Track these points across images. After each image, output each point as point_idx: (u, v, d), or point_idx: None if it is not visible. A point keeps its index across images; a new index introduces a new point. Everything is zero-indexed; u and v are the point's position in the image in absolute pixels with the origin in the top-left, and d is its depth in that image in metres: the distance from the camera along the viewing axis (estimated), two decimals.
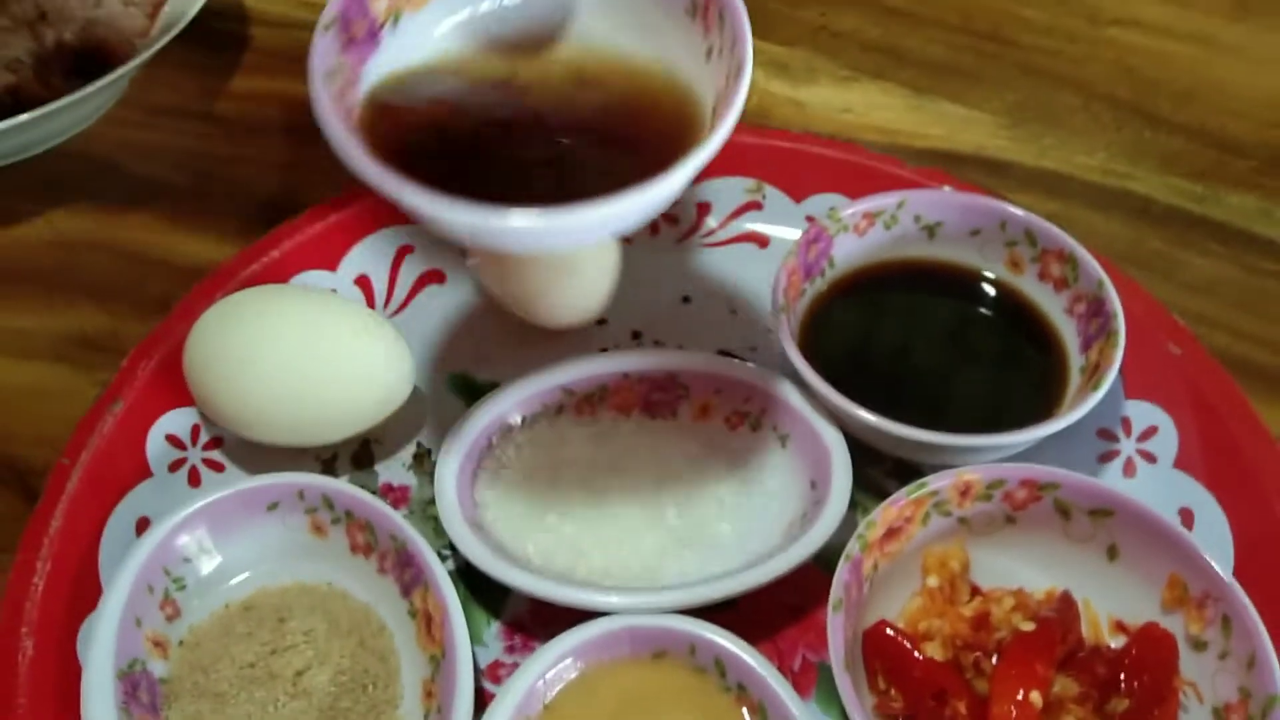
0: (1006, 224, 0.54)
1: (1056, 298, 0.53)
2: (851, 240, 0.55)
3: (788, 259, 0.52)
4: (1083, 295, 0.52)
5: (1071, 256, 0.52)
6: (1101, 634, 0.45)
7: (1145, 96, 0.70)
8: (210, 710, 0.43)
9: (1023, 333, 0.54)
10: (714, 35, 0.42)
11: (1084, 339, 0.51)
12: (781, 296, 0.51)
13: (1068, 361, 0.52)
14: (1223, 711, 0.41)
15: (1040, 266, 0.54)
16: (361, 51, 0.43)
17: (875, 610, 0.45)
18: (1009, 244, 0.54)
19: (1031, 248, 0.54)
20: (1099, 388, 0.47)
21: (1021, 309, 0.54)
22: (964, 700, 0.41)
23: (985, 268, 0.55)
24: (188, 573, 0.46)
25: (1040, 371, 0.52)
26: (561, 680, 0.43)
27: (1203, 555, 0.43)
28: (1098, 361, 0.49)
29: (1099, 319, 0.50)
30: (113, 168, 0.66)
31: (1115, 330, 0.49)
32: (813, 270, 0.54)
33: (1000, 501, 0.45)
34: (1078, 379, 0.50)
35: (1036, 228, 0.53)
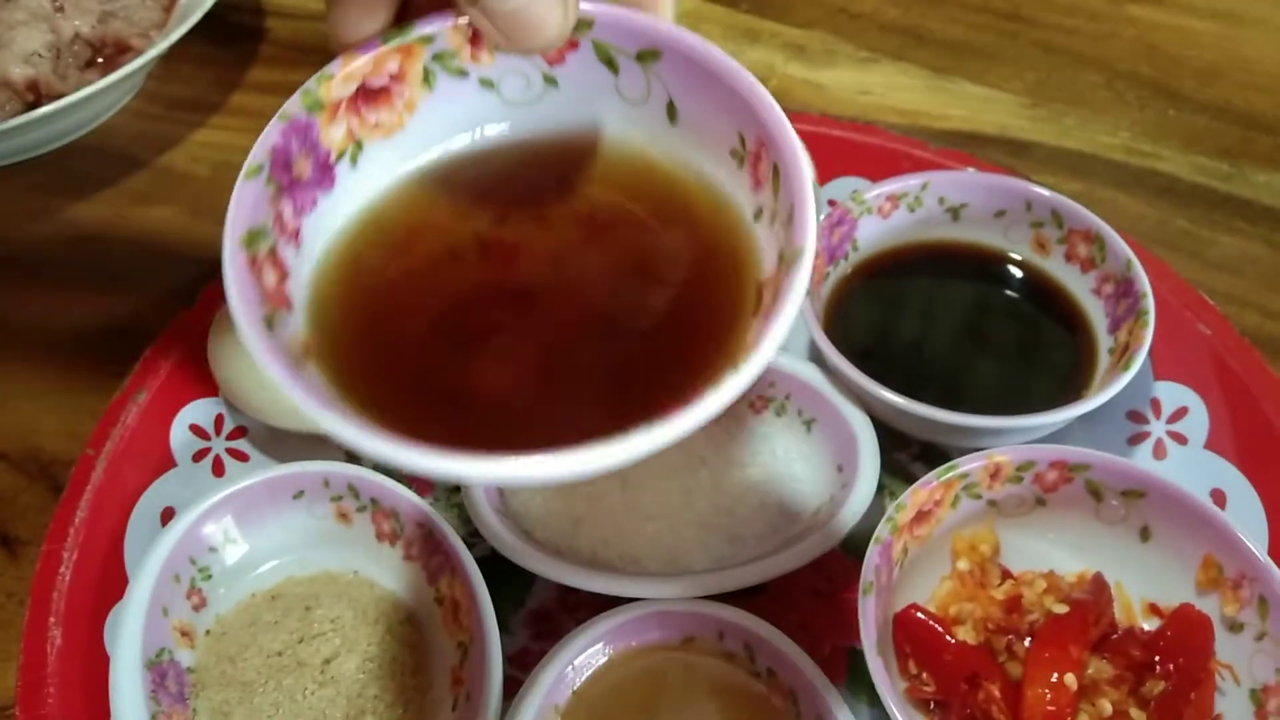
0: (1032, 204, 0.53)
1: (1084, 279, 0.52)
2: (875, 223, 0.54)
3: None
4: (1110, 276, 0.51)
5: (1099, 237, 0.52)
6: (1135, 617, 0.45)
7: (1168, 74, 0.70)
8: (238, 699, 0.43)
9: (1050, 314, 0.53)
10: (765, 194, 0.32)
11: (1112, 320, 0.51)
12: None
13: (1096, 343, 0.51)
14: (1260, 694, 0.41)
15: (1067, 247, 0.53)
16: (307, 196, 0.32)
17: (905, 594, 0.44)
18: (1035, 225, 0.54)
19: (1058, 228, 0.53)
20: (1129, 368, 0.47)
21: (1048, 290, 0.53)
22: (997, 683, 0.40)
23: (1011, 249, 0.55)
24: (214, 562, 0.46)
25: (1068, 353, 0.51)
26: (590, 666, 0.43)
27: (1238, 535, 0.42)
28: (1127, 342, 0.48)
29: (1128, 299, 0.50)
30: (132, 161, 0.66)
31: (1145, 310, 0.48)
32: (836, 253, 0.53)
33: (1031, 484, 0.45)
34: (1106, 360, 0.50)
35: (1063, 208, 0.53)
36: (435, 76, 0.33)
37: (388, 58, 0.32)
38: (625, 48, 0.32)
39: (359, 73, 0.32)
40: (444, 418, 0.31)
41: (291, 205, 0.32)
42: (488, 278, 0.34)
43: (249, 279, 0.29)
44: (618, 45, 0.32)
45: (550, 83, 0.34)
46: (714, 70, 0.31)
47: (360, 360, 0.31)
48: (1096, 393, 0.47)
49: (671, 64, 0.32)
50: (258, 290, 0.29)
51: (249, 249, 0.29)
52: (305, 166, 0.32)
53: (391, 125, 0.33)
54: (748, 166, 0.32)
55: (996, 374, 0.52)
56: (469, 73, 0.33)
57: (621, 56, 0.32)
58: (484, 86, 0.34)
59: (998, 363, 0.52)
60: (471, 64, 0.33)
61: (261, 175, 0.31)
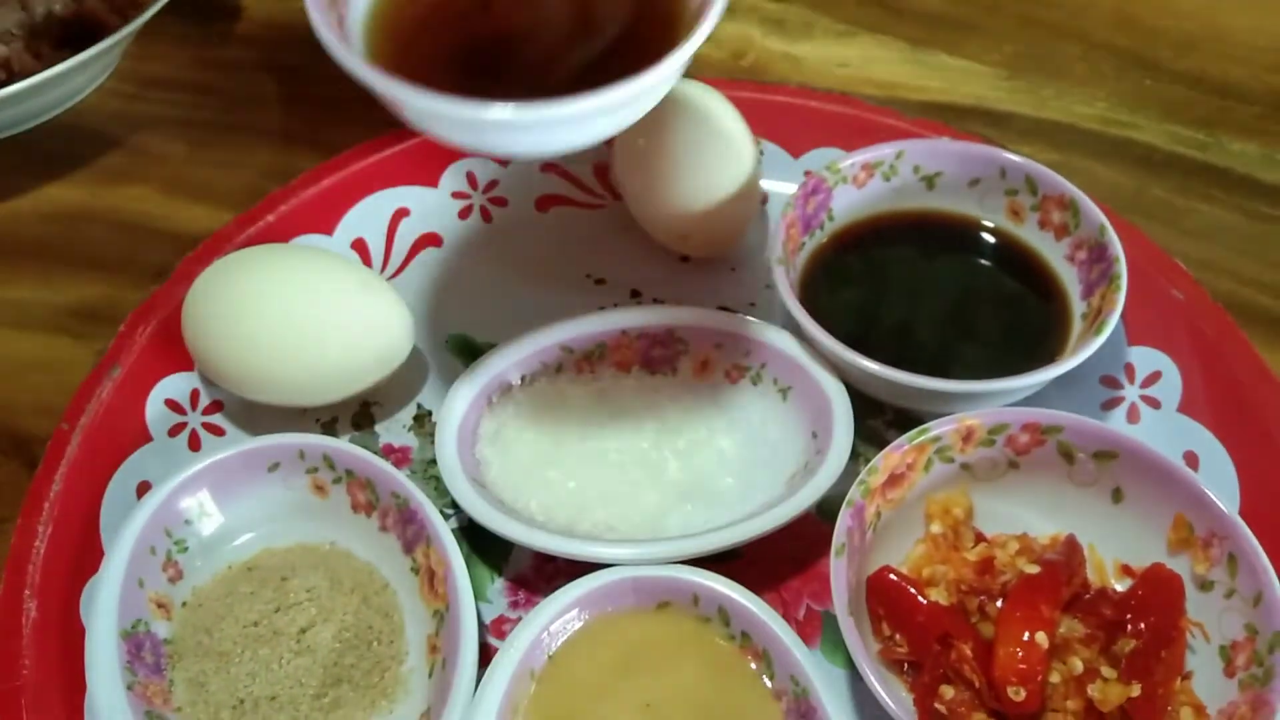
0: (1006, 171, 0.53)
1: (1058, 245, 0.52)
2: (850, 192, 0.54)
3: (786, 211, 0.52)
4: (1084, 241, 0.51)
5: (1072, 203, 0.52)
6: (1107, 578, 0.45)
7: (1145, 45, 0.70)
8: (214, 669, 0.43)
9: (1024, 281, 0.53)
10: None
11: (1085, 285, 0.51)
12: (781, 249, 0.50)
13: (1070, 308, 0.51)
14: (1229, 650, 0.41)
15: (1041, 214, 0.53)
16: None
17: (879, 558, 0.44)
18: (1009, 192, 0.54)
19: (1032, 195, 0.53)
20: (1101, 332, 0.47)
21: (1022, 257, 0.54)
22: (969, 643, 0.40)
23: (985, 217, 0.55)
24: (190, 535, 0.46)
25: (1042, 319, 0.51)
26: (566, 631, 0.43)
27: (1208, 494, 0.42)
28: (1100, 307, 0.49)
29: (1101, 264, 0.50)
30: (107, 139, 0.65)
31: (1117, 275, 0.49)
32: (812, 223, 0.53)
33: (1003, 446, 0.45)
34: (1080, 326, 0.50)
35: (1036, 174, 0.53)
36: None
37: None
38: None
39: None
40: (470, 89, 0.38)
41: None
42: None
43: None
44: None
45: None
46: None
47: (406, 61, 0.40)
48: (1069, 357, 0.47)
49: None
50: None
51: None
52: None
53: None
54: None
55: (971, 341, 0.52)
56: None
57: None
58: None
59: (972, 330, 0.52)
60: None
61: None
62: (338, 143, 0.60)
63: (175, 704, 0.43)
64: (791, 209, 0.52)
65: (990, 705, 0.40)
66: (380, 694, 0.43)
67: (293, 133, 0.65)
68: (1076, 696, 0.40)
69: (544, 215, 0.60)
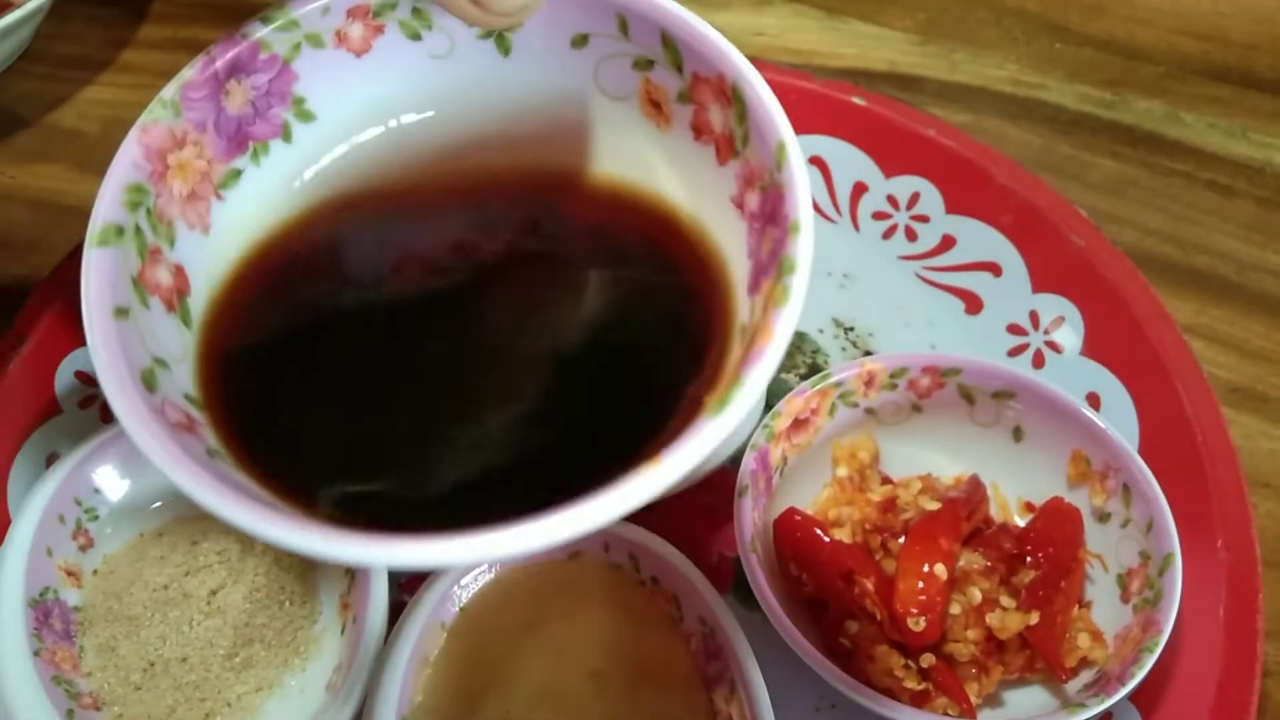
0: (629, 24, 0.31)
1: (720, 175, 0.29)
2: (332, 65, 0.32)
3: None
4: (755, 174, 0.28)
5: (735, 92, 0.29)
6: (1011, 516, 0.46)
7: (1054, 10, 0.71)
8: (124, 634, 0.43)
9: (651, 264, 0.31)
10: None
11: (754, 266, 0.28)
12: None
13: (728, 313, 0.29)
14: (1125, 577, 0.42)
15: (694, 110, 0.30)
16: None
17: (786, 502, 0.45)
18: (640, 64, 0.31)
19: (676, 73, 0.31)
20: (725, 403, 0.24)
21: (648, 204, 0.31)
22: (871, 579, 0.41)
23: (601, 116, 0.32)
24: (100, 504, 0.46)
25: (675, 345, 0.29)
26: (477, 584, 0.43)
27: (1102, 427, 0.43)
28: (758, 322, 0.26)
29: (774, 229, 0.27)
30: (18, 119, 0.65)
31: (790, 262, 0.25)
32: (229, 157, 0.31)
33: (905, 390, 0.46)
34: (736, 353, 0.27)
35: (681, 31, 0.30)
36: None
37: None
38: None
39: None
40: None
41: None
42: None
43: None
44: None
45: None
46: None
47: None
48: (677, 444, 0.24)
49: None
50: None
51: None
52: None
53: None
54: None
55: (500, 443, 0.29)
56: None
57: None
58: None
59: (509, 422, 0.29)
60: None
61: None
62: None
63: (85, 669, 0.42)
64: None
65: (893, 637, 0.41)
66: (293, 652, 0.43)
67: None
68: (976, 626, 0.41)
69: None
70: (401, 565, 0.23)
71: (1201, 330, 0.55)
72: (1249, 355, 0.54)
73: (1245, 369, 0.54)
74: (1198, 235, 0.59)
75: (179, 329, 0.29)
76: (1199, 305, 0.56)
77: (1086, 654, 0.41)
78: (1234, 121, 0.64)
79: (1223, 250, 0.59)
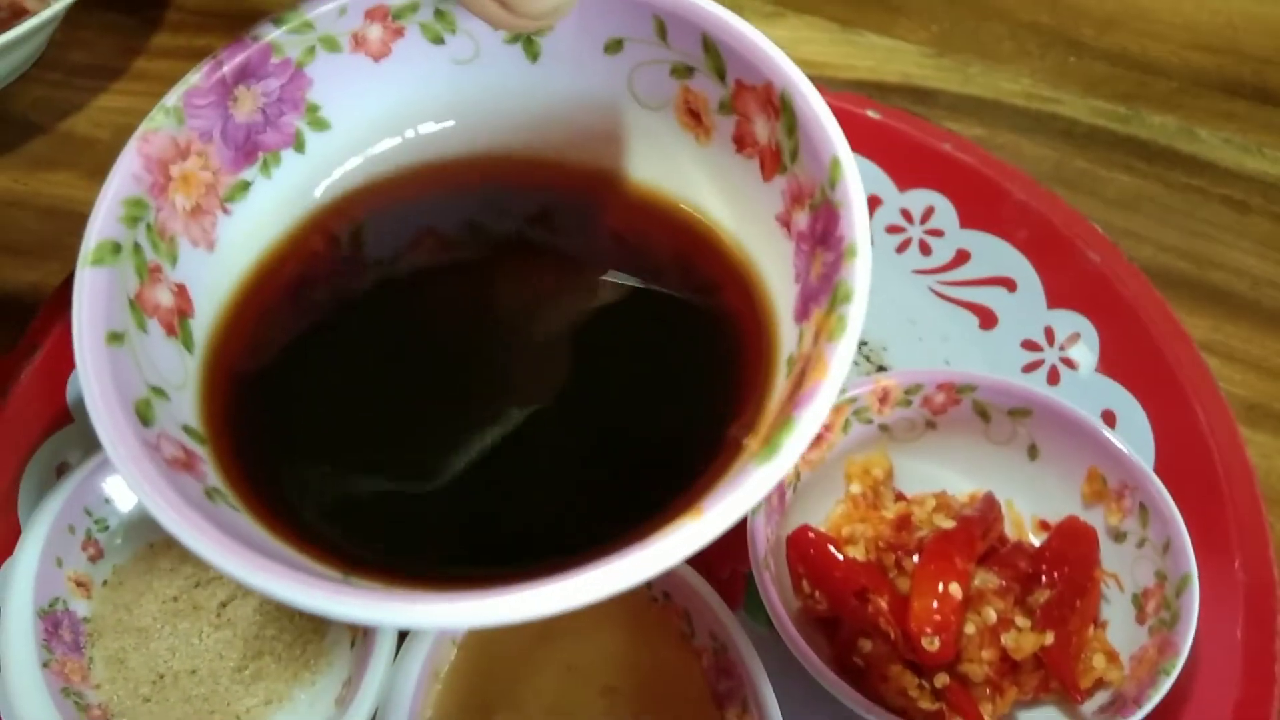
0: (667, 27, 0.29)
1: (766, 191, 0.28)
2: (346, 69, 0.31)
3: None
4: (805, 191, 0.27)
5: (785, 100, 0.28)
6: (1026, 534, 0.46)
7: (1068, 23, 0.71)
8: (134, 645, 0.43)
9: (694, 295, 0.29)
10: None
11: (803, 292, 0.26)
12: None
13: (773, 347, 0.27)
14: (1141, 597, 0.42)
15: (737, 121, 0.28)
16: None
17: (799, 518, 0.45)
18: (679, 71, 0.30)
19: (719, 81, 0.29)
20: (775, 450, 0.23)
21: (688, 228, 0.29)
22: (885, 597, 0.41)
23: (633, 121, 0.30)
24: (110, 514, 0.46)
25: (719, 379, 0.27)
26: None
27: (1118, 446, 0.43)
28: (807, 355, 0.24)
29: (827, 251, 0.25)
30: (31, 127, 0.65)
31: (845, 286, 0.24)
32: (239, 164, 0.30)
33: (920, 406, 0.46)
34: (782, 388, 0.26)
35: (725, 35, 0.28)
36: None
37: None
38: None
39: None
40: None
41: None
42: None
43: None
44: None
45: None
46: None
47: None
48: (720, 492, 0.23)
49: None
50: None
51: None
52: None
53: None
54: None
55: (526, 492, 0.28)
56: None
57: None
58: None
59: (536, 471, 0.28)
60: None
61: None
62: None
63: (94, 681, 0.42)
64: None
65: (906, 656, 0.40)
66: (303, 666, 0.43)
67: None
68: (991, 646, 0.40)
69: None
70: (416, 626, 0.22)
71: (1217, 347, 0.55)
72: (1265, 372, 0.54)
73: (1262, 386, 0.53)
74: (1213, 251, 0.59)
75: (180, 354, 0.27)
76: (1214, 322, 0.56)
77: (1102, 675, 0.40)
78: (1249, 137, 0.64)
79: (1238, 266, 0.58)
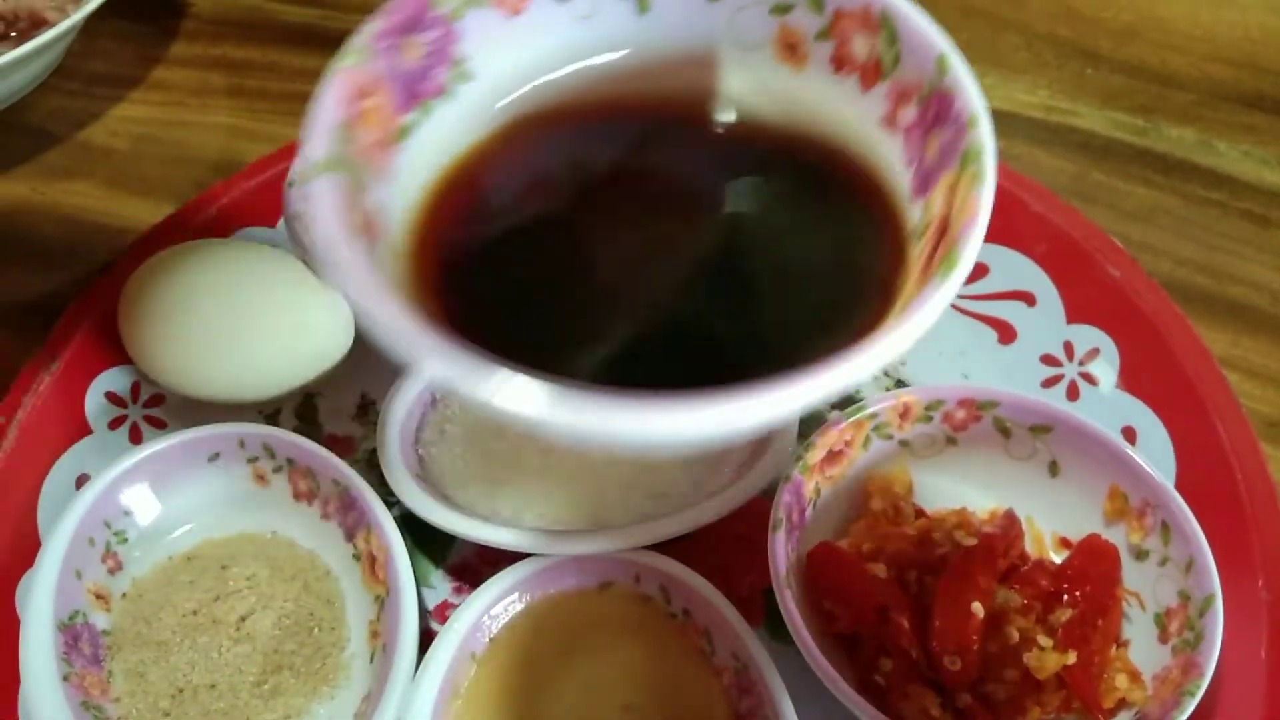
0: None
1: (867, 100, 0.31)
2: (495, 26, 0.32)
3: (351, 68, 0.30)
4: (909, 89, 0.30)
5: (885, 19, 0.31)
6: (1046, 551, 0.45)
7: (1086, 35, 0.71)
8: (153, 659, 0.43)
9: (810, 185, 0.33)
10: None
11: (920, 173, 0.30)
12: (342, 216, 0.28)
13: (898, 219, 0.30)
14: (1164, 617, 0.42)
15: (835, 45, 0.32)
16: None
17: (819, 534, 0.45)
18: (777, 9, 0.33)
19: (815, 12, 0.32)
20: (951, 268, 0.26)
21: (805, 134, 0.33)
22: (906, 615, 0.41)
23: (738, 64, 0.34)
24: (129, 526, 0.46)
25: (847, 251, 0.32)
26: (507, 614, 0.43)
27: (1140, 463, 0.43)
28: (946, 214, 0.28)
29: (942, 130, 0.29)
30: (49, 136, 0.65)
31: (973, 147, 0.27)
32: (418, 95, 0.32)
33: (940, 423, 0.45)
34: (918, 249, 0.29)
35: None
36: None
37: None
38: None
39: None
40: None
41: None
42: None
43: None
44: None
45: None
46: None
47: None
48: (894, 320, 0.26)
49: None
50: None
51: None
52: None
53: None
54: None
55: (712, 334, 0.31)
56: None
57: None
58: None
59: (711, 313, 0.31)
60: None
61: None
62: (283, 138, 0.60)
63: (114, 694, 0.42)
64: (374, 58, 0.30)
65: (928, 675, 0.40)
66: (321, 680, 0.43)
67: (238, 128, 0.65)
68: (1013, 665, 0.40)
69: None
70: (638, 434, 0.24)
71: (1237, 362, 0.54)
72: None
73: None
74: (1232, 265, 0.59)
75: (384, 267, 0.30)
76: (1234, 337, 0.55)
77: (1125, 695, 0.40)
78: (1268, 149, 0.64)
79: (1258, 281, 0.58)
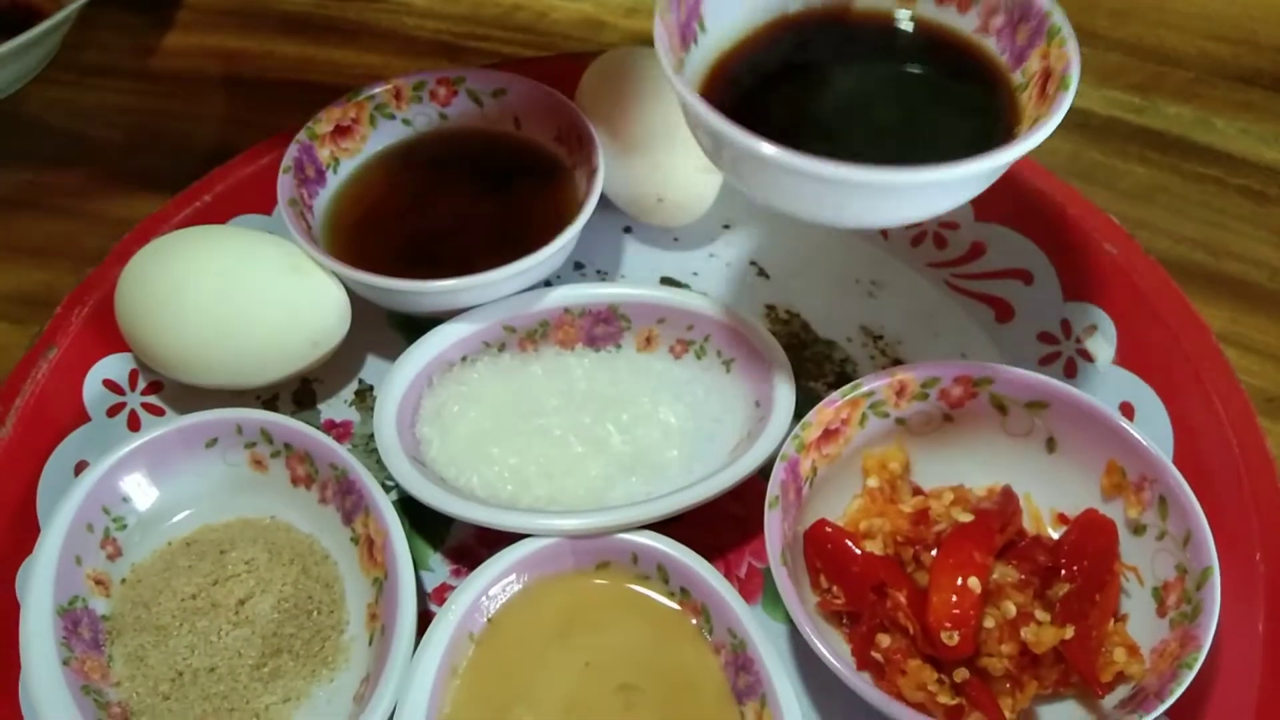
0: None
1: (965, 19, 0.47)
2: None
3: (664, 16, 0.44)
4: (994, 6, 0.45)
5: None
6: (1044, 527, 0.45)
7: (1083, 15, 0.70)
8: (153, 643, 0.43)
9: (944, 67, 0.47)
10: None
11: (1014, 54, 0.45)
12: (671, 55, 0.43)
13: (1007, 84, 0.45)
14: (1161, 591, 0.42)
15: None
16: None
17: (817, 513, 0.45)
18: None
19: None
20: (1066, 87, 0.41)
21: (932, 42, 0.47)
22: (904, 591, 0.41)
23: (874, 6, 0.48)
24: (128, 512, 0.46)
25: (979, 101, 0.45)
26: (505, 594, 0.43)
27: (1137, 438, 0.43)
28: (1046, 67, 0.43)
29: (1028, 23, 0.44)
30: (45, 127, 0.65)
31: (1056, 27, 0.43)
32: (687, 35, 0.46)
33: (937, 400, 0.45)
34: (1029, 95, 0.44)
35: None
36: None
37: None
38: None
39: None
40: None
41: None
42: None
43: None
44: None
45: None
46: None
47: None
48: (1032, 128, 0.40)
49: None
50: None
51: None
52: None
53: None
54: None
55: (913, 137, 0.46)
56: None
57: None
58: None
59: (912, 126, 0.46)
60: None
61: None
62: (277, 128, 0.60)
63: (114, 679, 0.42)
64: (670, 13, 0.44)
65: (926, 651, 0.40)
66: (321, 663, 0.43)
67: (233, 118, 0.65)
68: (1010, 640, 0.40)
69: None
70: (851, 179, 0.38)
71: (1235, 338, 0.54)
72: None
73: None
74: (1230, 242, 0.58)
75: None
76: (1232, 313, 0.55)
77: (1123, 668, 0.40)
78: (1266, 126, 0.64)
79: (1256, 257, 0.58)
